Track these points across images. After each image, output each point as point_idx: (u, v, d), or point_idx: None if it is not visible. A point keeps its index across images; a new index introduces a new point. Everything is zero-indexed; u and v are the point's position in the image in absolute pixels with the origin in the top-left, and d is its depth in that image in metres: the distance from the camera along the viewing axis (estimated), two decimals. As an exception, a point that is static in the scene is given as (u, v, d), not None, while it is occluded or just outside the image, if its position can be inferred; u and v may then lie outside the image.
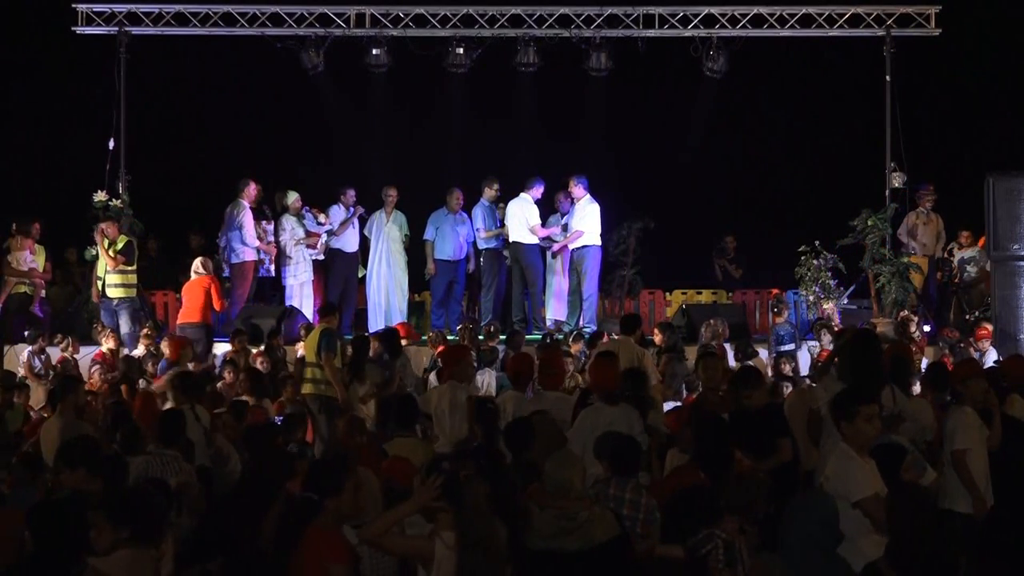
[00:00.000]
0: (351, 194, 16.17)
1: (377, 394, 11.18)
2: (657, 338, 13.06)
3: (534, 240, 15.83)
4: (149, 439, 8.07)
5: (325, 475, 6.04)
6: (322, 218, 15.99)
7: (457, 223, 16.23)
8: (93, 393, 11.55)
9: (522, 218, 15.71)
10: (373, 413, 10.86)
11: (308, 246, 15.87)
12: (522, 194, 15.79)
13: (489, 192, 16.06)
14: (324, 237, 16.04)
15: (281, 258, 15.77)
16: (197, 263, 14.64)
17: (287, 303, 15.50)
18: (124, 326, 14.53)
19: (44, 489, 7.49)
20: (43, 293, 15.60)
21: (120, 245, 14.81)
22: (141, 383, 11.87)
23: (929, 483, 6.94)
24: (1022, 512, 7.60)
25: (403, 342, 13.09)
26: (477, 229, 16.02)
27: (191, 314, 14.32)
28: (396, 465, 7.26)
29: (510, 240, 15.83)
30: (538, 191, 15.88)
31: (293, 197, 15.84)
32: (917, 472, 6.78)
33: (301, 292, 15.72)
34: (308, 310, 15.37)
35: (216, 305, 14.43)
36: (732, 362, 12.35)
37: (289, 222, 15.78)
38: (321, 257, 16.10)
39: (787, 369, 12.73)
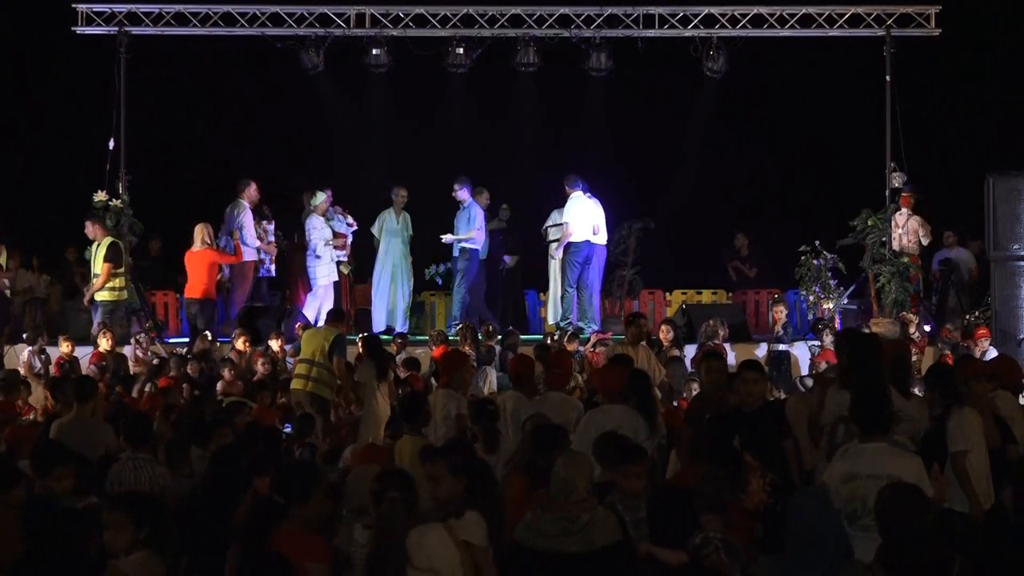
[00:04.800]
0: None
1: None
2: (663, 335, 13.12)
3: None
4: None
5: (292, 481, 5.95)
6: (350, 219, 16.00)
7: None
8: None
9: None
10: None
11: (336, 247, 15.86)
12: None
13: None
14: (350, 238, 16.04)
15: (310, 259, 15.73)
16: (200, 233, 14.70)
17: (310, 302, 15.50)
18: (94, 324, 14.46)
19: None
20: (7, 292, 15.58)
21: (105, 248, 14.66)
22: (148, 386, 11.82)
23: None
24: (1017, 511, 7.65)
25: None
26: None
27: (194, 289, 14.95)
28: None
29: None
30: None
31: (322, 198, 15.81)
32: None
33: (326, 293, 15.69)
34: (324, 312, 15.26)
35: (232, 259, 15.08)
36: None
37: (318, 222, 15.77)
38: (345, 259, 16.10)
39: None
